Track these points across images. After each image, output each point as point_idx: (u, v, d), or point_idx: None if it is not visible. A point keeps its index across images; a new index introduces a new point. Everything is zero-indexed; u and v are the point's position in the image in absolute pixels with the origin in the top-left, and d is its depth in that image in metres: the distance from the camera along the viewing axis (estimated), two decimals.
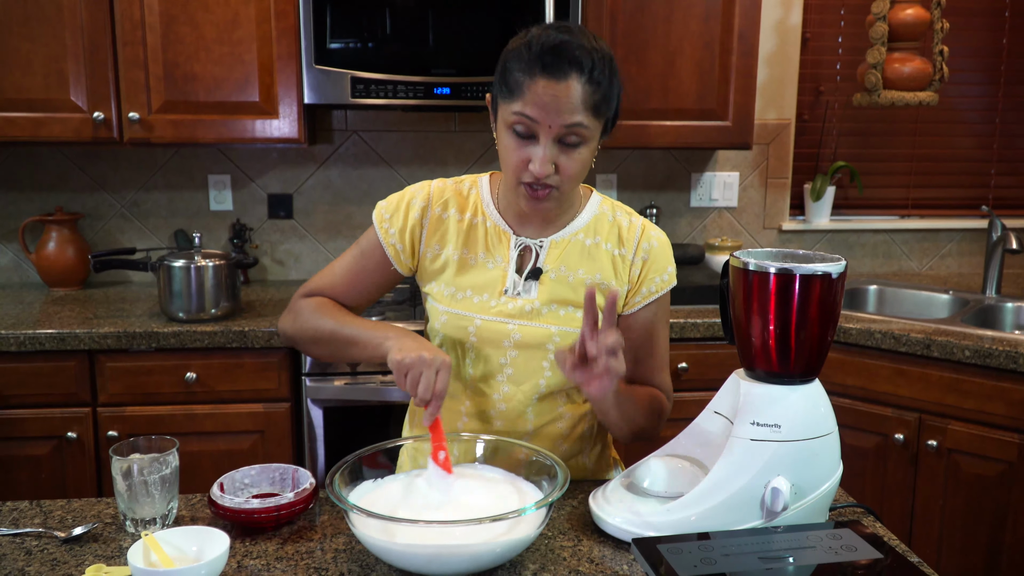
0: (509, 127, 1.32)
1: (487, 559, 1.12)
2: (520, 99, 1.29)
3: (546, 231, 1.46)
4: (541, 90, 1.27)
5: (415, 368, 1.27)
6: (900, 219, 3.33)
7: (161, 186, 2.99)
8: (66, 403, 2.39)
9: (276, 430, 2.46)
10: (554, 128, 1.29)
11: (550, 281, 1.43)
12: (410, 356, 1.28)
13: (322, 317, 1.45)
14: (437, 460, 1.28)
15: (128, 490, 1.25)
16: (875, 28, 2.91)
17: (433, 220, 1.46)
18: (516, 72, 1.29)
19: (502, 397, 1.45)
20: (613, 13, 2.66)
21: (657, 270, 1.47)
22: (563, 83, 1.27)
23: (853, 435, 2.48)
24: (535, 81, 1.27)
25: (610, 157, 3.12)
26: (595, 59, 1.29)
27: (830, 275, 1.19)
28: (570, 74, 1.27)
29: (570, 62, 1.27)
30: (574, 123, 1.29)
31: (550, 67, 1.27)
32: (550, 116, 1.28)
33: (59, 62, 2.51)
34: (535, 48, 1.28)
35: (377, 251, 1.49)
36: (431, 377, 1.27)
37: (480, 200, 1.48)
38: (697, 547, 1.13)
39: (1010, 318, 2.79)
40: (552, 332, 1.42)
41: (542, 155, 1.30)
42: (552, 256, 1.44)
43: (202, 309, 2.47)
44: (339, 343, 1.43)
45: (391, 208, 1.48)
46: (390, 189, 3.04)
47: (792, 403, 1.22)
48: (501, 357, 1.43)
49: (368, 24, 2.52)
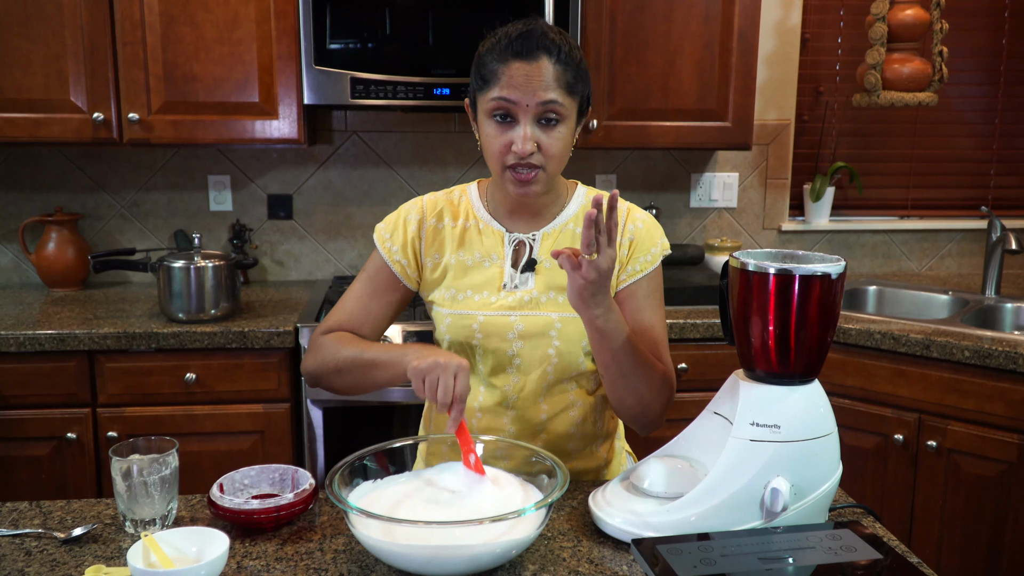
0: (489, 114, 1.39)
1: (487, 559, 1.12)
2: (497, 85, 1.36)
3: (537, 225, 1.50)
4: (515, 71, 1.35)
5: (432, 373, 1.28)
6: (899, 219, 3.33)
7: (161, 186, 2.99)
8: (66, 404, 2.39)
9: (276, 431, 2.46)
10: (531, 107, 1.35)
11: (545, 271, 1.48)
12: (426, 362, 1.28)
13: (343, 348, 1.45)
14: (468, 464, 1.28)
15: (128, 491, 1.25)
16: (874, 29, 2.91)
17: (430, 231, 1.51)
18: (490, 63, 1.38)
19: (513, 388, 1.48)
20: (613, 13, 2.66)
21: (643, 249, 1.49)
22: (535, 63, 1.35)
23: (853, 435, 2.48)
24: (508, 65, 1.36)
25: (610, 157, 3.12)
26: (561, 44, 1.38)
27: (829, 276, 1.19)
28: (540, 56, 1.36)
29: (539, 45, 1.36)
30: (549, 100, 1.35)
31: (520, 51, 1.35)
32: (526, 95, 1.35)
33: (59, 62, 2.51)
34: (504, 39, 1.38)
35: (384, 271, 1.52)
36: (449, 381, 1.27)
37: (470, 204, 1.53)
38: (697, 548, 1.13)
39: (1010, 318, 2.79)
40: (553, 319, 1.45)
41: (523, 133, 1.36)
42: (545, 247, 1.49)
43: (202, 310, 2.47)
44: (361, 369, 1.42)
45: (390, 227, 1.53)
46: (390, 190, 3.07)
47: (792, 403, 1.22)
48: (508, 349, 1.46)
49: (368, 24, 2.52)
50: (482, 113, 1.40)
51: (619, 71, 2.69)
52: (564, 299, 1.45)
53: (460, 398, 1.27)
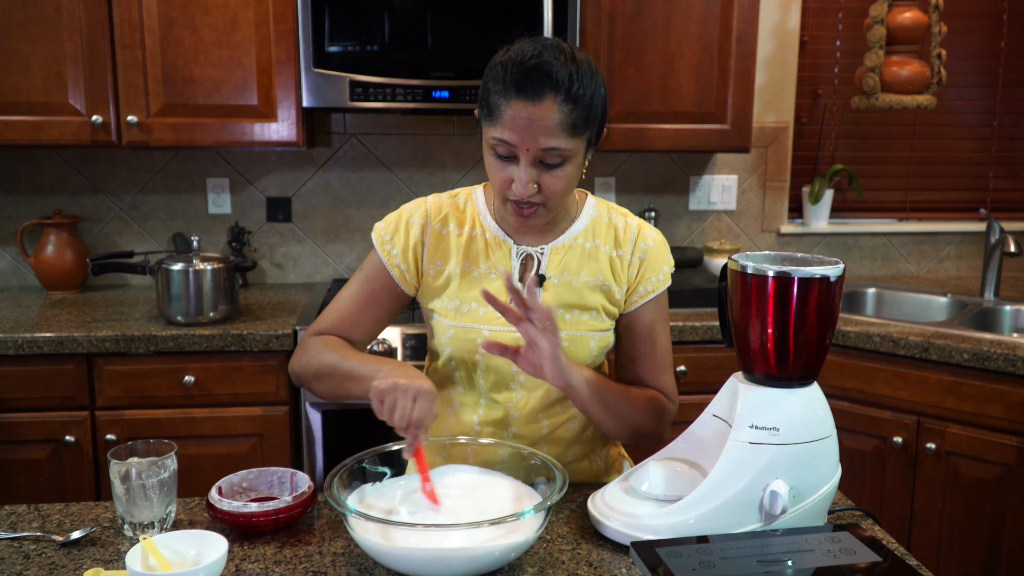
0: (491, 148, 1.33)
1: (485, 563, 1.12)
2: (499, 124, 1.30)
3: (545, 238, 1.46)
4: (517, 113, 1.27)
5: (390, 395, 1.22)
6: (898, 222, 3.33)
7: (160, 189, 2.99)
8: (64, 407, 2.39)
9: (274, 433, 2.46)
10: (532, 151, 1.29)
11: (554, 287, 1.44)
12: (387, 383, 1.23)
13: (327, 353, 1.42)
14: (424, 490, 1.25)
15: (126, 494, 1.25)
16: (873, 31, 2.92)
17: (434, 236, 1.46)
18: (494, 94, 1.30)
19: (515, 404, 1.45)
20: (612, 16, 2.66)
21: (653, 269, 1.47)
22: (538, 104, 1.27)
23: (852, 438, 2.48)
24: (510, 104, 1.28)
25: (608, 160, 3.12)
26: (572, 74, 1.28)
27: (828, 278, 1.19)
28: (544, 95, 1.27)
29: (543, 82, 1.26)
30: (551, 147, 1.29)
31: (524, 89, 1.27)
32: (527, 140, 1.28)
33: (58, 65, 2.51)
34: (510, 69, 1.28)
35: (382, 273, 1.48)
36: (406, 404, 1.22)
37: (477, 212, 1.48)
38: (696, 550, 1.13)
39: (1008, 321, 2.79)
40: (560, 337, 1.41)
41: (524, 177, 1.31)
42: (554, 262, 1.45)
43: (200, 312, 2.47)
44: (338, 378, 1.39)
45: (390, 229, 1.48)
46: (389, 192, 3.07)
47: (791, 406, 1.22)
48: (512, 365, 1.42)
49: (367, 27, 2.52)
50: (485, 141, 1.35)
51: (618, 74, 2.69)
52: (572, 316, 1.44)
53: (416, 423, 1.22)
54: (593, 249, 1.46)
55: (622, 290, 1.47)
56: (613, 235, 1.48)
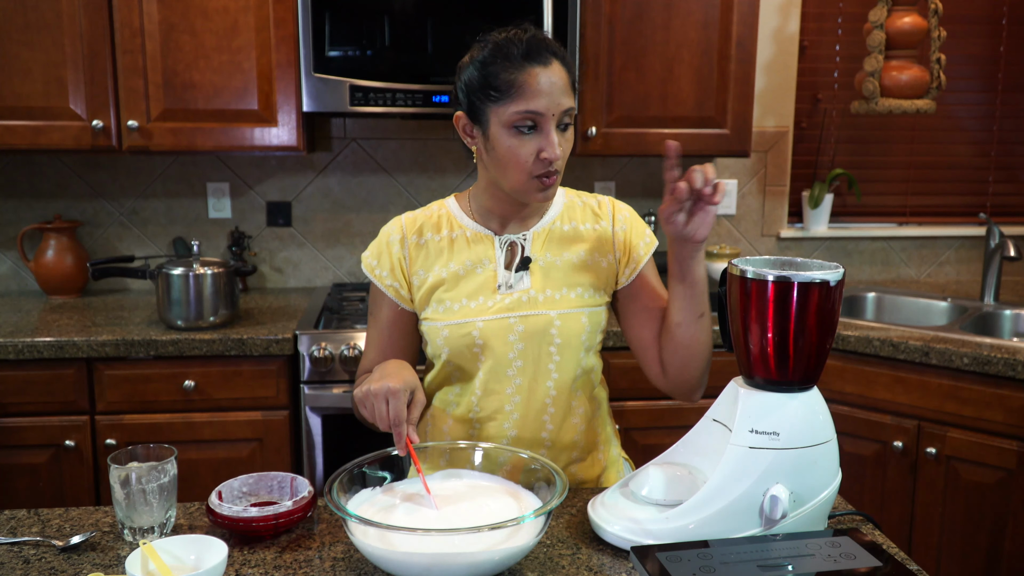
0: (510, 127, 1.37)
1: (486, 567, 1.12)
2: (521, 96, 1.35)
3: (527, 225, 1.51)
4: (538, 78, 1.35)
5: (367, 402, 1.30)
6: (898, 226, 3.34)
7: (160, 194, 2.99)
8: (64, 411, 2.39)
9: (275, 438, 2.46)
10: (556, 115, 1.36)
11: (540, 268, 1.48)
12: (361, 391, 1.31)
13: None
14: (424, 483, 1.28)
15: (126, 499, 1.25)
16: (873, 36, 2.92)
17: (412, 248, 1.50)
18: (503, 73, 1.36)
19: (515, 391, 1.47)
20: (611, 21, 2.66)
21: (638, 235, 1.54)
22: (550, 68, 1.36)
23: (852, 442, 2.48)
24: (530, 72, 1.35)
25: (609, 164, 3.12)
26: (557, 44, 1.40)
27: (828, 283, 1.19)
28: (552, 59, 1.37)
29: (547, 48, 1.37)
30: (568, 107, 1.38)
31: (536, 57, 1.36)
32: (551, 104, 1.35)
33: (58, 70, 2.51)
34: (515, 45, 1.36)
35: (383, 300, 1.52)
36: (381, 408, 1.27)
37: (452, 216, 1.53)
38: (696, 555, 1.13)
39: (1008, 325, 2.79)
40: (552, 317, 1.45)
41: (555, 139, 1.37)
42: (537, 245, 1.50)
43: (200, 317, 2.47)
44: (357, 407, 1.42)
45: (375, 253, 1.53)
46: (389, 197, 3.07)
47: (791, 411, 1.22)
48: (509, 352, 1.45)
49: (367, 32, 2.53)
50: (500, 124, 1.37)
51: (618, 79, 2.69)
52: (561, 295, 1.47)
53: (396, 421, 1.27)
54: (572, 231, 1.51)
55: (614, 258, 1.51)
56: (591, 212, 1.54)
